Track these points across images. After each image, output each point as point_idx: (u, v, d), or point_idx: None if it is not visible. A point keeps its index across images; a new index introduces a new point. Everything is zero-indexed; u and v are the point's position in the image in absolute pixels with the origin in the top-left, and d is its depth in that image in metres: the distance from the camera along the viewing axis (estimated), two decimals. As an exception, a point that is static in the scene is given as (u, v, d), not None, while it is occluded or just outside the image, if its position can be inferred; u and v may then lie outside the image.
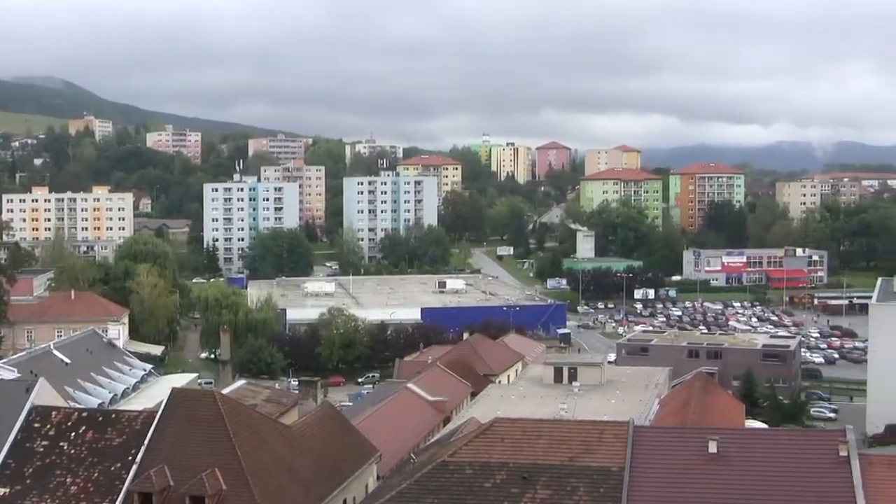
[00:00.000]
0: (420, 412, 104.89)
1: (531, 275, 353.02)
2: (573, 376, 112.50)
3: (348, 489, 68.86)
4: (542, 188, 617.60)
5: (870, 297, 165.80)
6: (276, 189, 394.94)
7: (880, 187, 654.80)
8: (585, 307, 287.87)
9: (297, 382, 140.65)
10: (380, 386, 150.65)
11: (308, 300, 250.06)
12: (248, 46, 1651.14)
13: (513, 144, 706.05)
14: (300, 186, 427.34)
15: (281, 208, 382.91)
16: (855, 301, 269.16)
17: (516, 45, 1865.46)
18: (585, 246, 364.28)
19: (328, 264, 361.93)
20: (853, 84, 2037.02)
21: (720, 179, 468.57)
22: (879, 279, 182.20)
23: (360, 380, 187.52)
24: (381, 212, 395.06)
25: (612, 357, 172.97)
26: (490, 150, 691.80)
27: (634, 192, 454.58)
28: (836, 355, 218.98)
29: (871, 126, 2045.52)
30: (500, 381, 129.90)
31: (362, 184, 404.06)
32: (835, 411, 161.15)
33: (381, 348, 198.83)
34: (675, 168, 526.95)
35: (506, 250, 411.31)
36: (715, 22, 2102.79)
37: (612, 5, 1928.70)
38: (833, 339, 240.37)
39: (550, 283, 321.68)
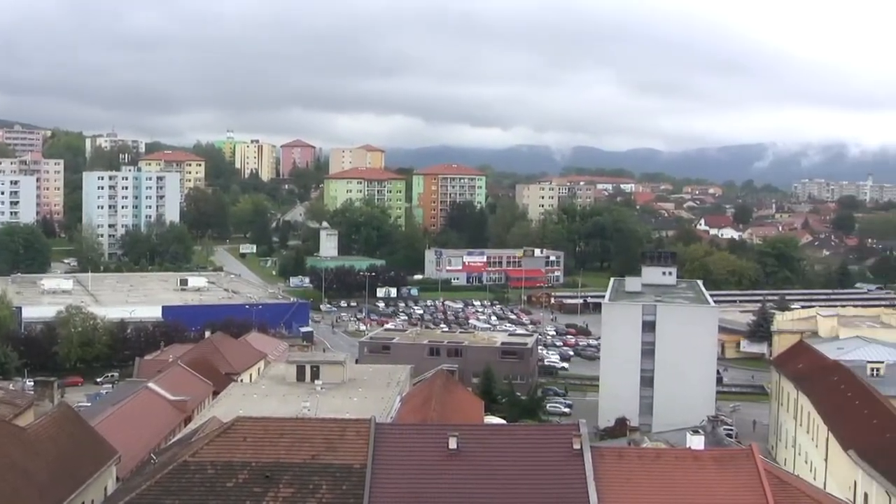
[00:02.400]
0: (161, 412, 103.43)
1: (274, 273, 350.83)
2: (316, 374, 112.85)
3: (86, 492, 67.44)
4: (287, 186, 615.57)
5: (603, 297, 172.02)
6: (11, 182, 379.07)
7: (614, 191, 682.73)
8: (328, 305, 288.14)
9: (32, 383, 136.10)
10: (119, 386, 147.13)
11: (45, 298, 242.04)
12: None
13: (257, 142, 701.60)
14: (38, 180, 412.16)
15: (17, 202, 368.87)
16: (589, 300, 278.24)
17: (261, 43, 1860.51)
18: (329, 244, 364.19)
19: (66, 261, 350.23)
20: (589, 91, 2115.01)
21: (462, 180, 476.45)
22: (612, 279, 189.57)
23: (98, 379, 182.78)
24: (122, 207, 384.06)
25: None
26: (234, 147, 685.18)
27: (378, 191, 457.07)
28: (572, 353, 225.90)
29: (606, 132, 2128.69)
30: (242, 380, 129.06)
31: (103, 178, 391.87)
32: (569, 406, 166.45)
33: (121, 347, 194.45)
34: (418, 168, 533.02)
35: (249, 248, 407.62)
36: (457, 26, 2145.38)
37: (357, 5, 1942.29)
38: (568, 337, 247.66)
39: (293, 281, 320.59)
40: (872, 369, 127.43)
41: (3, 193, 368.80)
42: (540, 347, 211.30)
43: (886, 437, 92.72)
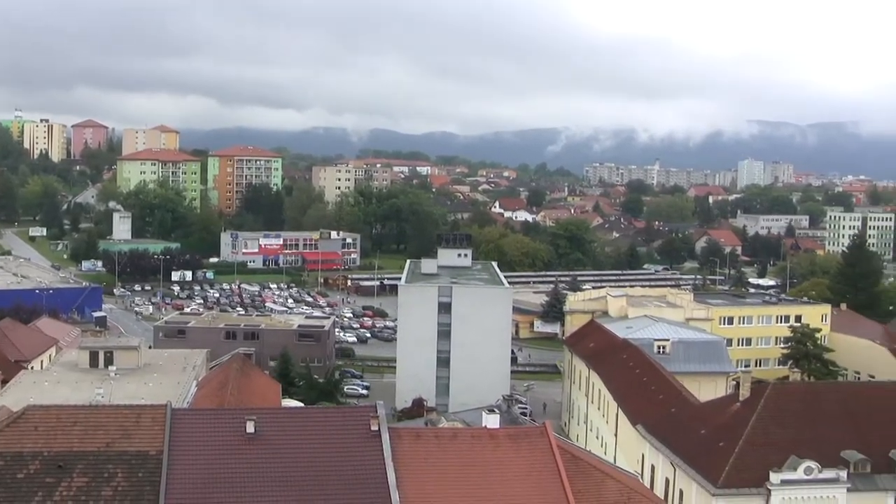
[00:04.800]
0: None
1: (65, 256, 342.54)
2: (109, 360, 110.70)
3: None
4: (78, 167, 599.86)
5: (399, 279, 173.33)
6: None
7: (410, 174, 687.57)
8: (122, 290, 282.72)
9: None
10: None
11: None
12: None
13: (47, 121, 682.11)
14: None
15: None
16: (386, 282, 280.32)
17: (48, 18, 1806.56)
18: (122, 227, 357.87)
19: None
20: (385, 74, 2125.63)
21: (258, 162, 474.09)
22: (408, 261, 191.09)
23: None
24: None
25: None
26: (22, 127, 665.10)
27: (173, 173, 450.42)
28: (369, 334, 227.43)
29: (403, 115, 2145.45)
30: (32, 368, 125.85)
31: None
32: (367, 388, 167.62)
33: None
34: (213, 150, 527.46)
35: (39, 231, 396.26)
36: (249, 6, 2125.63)
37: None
38: (365, 319, 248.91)
39: (86, 265, 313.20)
40: (659, 347, 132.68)
41: None
42: (337, 330, 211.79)
43: (671, 411, 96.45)
